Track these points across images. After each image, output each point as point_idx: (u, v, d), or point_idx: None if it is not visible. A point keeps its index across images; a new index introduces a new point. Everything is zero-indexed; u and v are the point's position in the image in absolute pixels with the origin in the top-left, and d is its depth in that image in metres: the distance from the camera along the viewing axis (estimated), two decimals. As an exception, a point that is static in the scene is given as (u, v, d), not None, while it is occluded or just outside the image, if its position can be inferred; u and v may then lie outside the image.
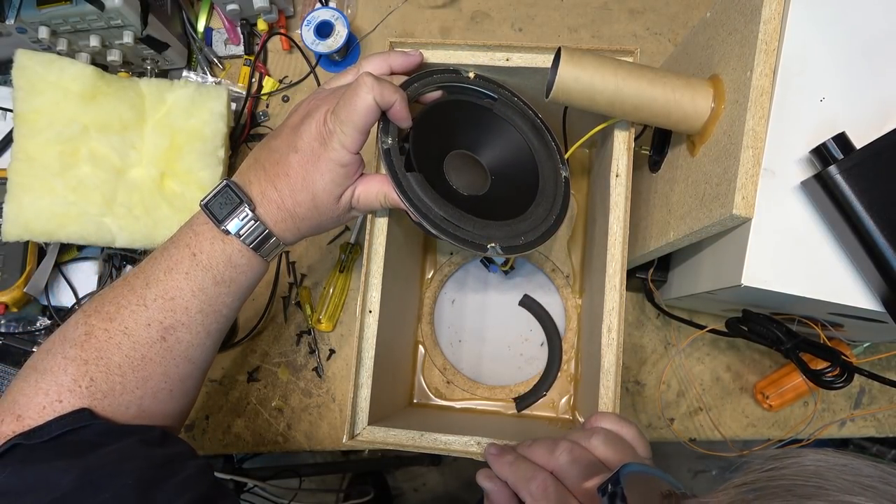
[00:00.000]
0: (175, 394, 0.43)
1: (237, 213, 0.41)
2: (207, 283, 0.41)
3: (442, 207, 0.43)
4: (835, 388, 0.46)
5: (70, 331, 0.40)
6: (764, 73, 0.38)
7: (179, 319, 0.41)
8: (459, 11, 0.72)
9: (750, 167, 0.38)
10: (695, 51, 0.48)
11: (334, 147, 0.41)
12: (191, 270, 0.41)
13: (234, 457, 0.83)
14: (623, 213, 0.46)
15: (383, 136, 0.44)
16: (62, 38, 0.63)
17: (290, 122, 0.44)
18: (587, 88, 0.41)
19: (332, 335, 0.65)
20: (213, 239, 0.41)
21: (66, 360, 0.39)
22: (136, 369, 0.40)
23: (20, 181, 0.57)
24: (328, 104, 0.42)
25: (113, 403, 0.40)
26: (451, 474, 1.42)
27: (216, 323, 0.43)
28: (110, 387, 0.39)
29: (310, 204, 0.42)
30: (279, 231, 0.43)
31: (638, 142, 0.49)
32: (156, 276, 0.41)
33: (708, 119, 0.42)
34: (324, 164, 0.41)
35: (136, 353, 0.40)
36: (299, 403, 0.64)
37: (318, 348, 0.65)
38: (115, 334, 0.40)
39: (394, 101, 0.41)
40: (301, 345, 0.65)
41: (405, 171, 0.43)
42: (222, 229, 0.41)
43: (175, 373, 0.42)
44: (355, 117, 0.40)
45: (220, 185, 0.42)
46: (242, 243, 0.42)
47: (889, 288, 0.36)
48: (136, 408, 0.41)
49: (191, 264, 0.41)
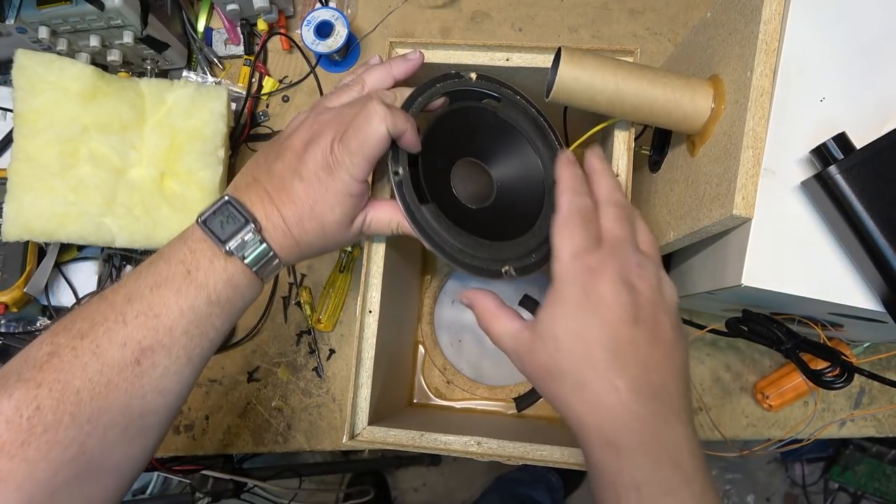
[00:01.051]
0: (129, 433, 0.37)
1: (242, 233, 0.39)
2: (200, 301, 0.38)
3: (456, 237, 0.42)
4: (835, 388, 0.46)
5: (34, 350, 0.36)
6: (764, 74, 0.38)
7: (160, 340, 0.37)
8: (459, 11, 0.72)
9: (750, 167, 0.38)
10: (695, 51, 0.48)
11: (342, 178, 0.39)
12: (183, 287, 0.38)
13: (234, 457, 0.83)
14: None
15: (394, 166, 0.42)
16: (62, 38, 0.63)
17: (291, 144, 0.41)
18: (587, 88, 0.41)
19: (332, 335, 0.65)
20: (213, 257, 0.39)
21: (18, 382, 0.34)
22: (95, 397, 0.35)
23: (20, 181, 0.57)
24: (334, 129, 0.40)
25: (51, 440, 0.34)
26: (451, 474, 1.42)
27: (199, 347, 0.39)
28: (57, 418, 0.34)
29: (318, 232, 0.41)
30: (283, 255, 0.41)
31: (638, 142, 0.49)
32: (140, 292, 0.37)
33: (708, 119, 0.42)
34: (332, 195, 0.39)
35: (103, 376, 0.35)
36: (299, 403, 0.64)
37: (318, 348, 0.65)
38: (82, 353, 0.35)
39: (405, 130, 0.40)
40: (301, 345, 0.65)
41: (418, 204, 0.42)
42: (225, 249, 0.38)
43: (138, 406, 0.37)
44: (367, 149, 0.38)
45: (219, 201, 0.40)
46: (245, 264, 0.39)
47: (889, 288, 0.36)
48: (76, 448, 0.35)
49: (184, 281, 0.38)
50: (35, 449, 0.33)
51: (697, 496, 0.33)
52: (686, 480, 0.33)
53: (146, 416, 0.38)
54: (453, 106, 0.46)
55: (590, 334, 0.35)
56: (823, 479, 1.37)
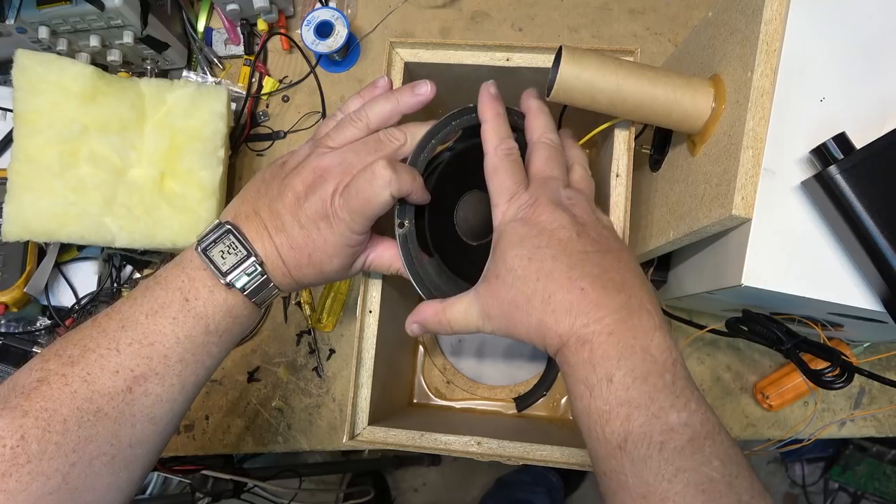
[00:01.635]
0: (116, 463, 0.36)
1: (244, 266, 0.38)
2: (198, 331, 0.37)
3: (454, 290, 0.41)
4: (835, 388, 0.46)
5: (23, 376, 0.35)
6: (765, 74, 0.38)
7: (154, 368, 0.36)
8: (459, 11, 0.72)
9: (750, 167, 0.38)
10: (696, 50, 0.48)
11: (342, 232, 0.38)
12: (180, 316, 0.37)
13: (234, 457, 0.83)
14: (623, 212, 0.46)
15: (399, 217, 0.41)
16: (62, 38, 0.63)
17: (292, 184, 0.39)
18: (588, 87, 0.41)
19: (332, 335, 0.65)
20: (213, 287, 0.38)
21: (4, 409, 0.34)
22: (83, 425, 0.34)
23: (20, 181, 0.57)
24: (336, 179, 0.38)
25: (34, 471, 0.33)
26: (451, 474, 1.42)
27: (194, 375, 0.38)
28: (41, 448, 0.33)
29: (316, 275, 0.40)
30: (283, 288, 0.41)
31: (638, 141, 0.48)
32: (135, 319, 0.37)
33: (709, 119, 0.42)
34: (331, 247, 0.39)
35: (92, 404, 0.35)
36: (299, 403, 0.64)
37: (318, 348, 0.65)
38: (73, 380, 0.35)
39: (411, 190, 0.39)
40: (301, 345, 0.65)
41: (421, 260, 0.42)
42: (226, 281, 0.38)
43: (128, 435, 0.36)
44: (368, 210, 0.38)
45: (219, 228, 0.39)
46: (245, 296, 0.39)
47: (889, 288, 0.36)
48: (58, 478, 0.34)
49: (181, 309, 0.37)
50: (16, 480, 0.33)
51: (670, 386, 0.32)
52: (657, 368, 0.33)
53: (135, 446, 0.37)
54: (467, 143, 0.44)
55: (542, 254, 0.35)
56: (823, 479, 1.37)
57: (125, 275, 0.67)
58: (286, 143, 0.70)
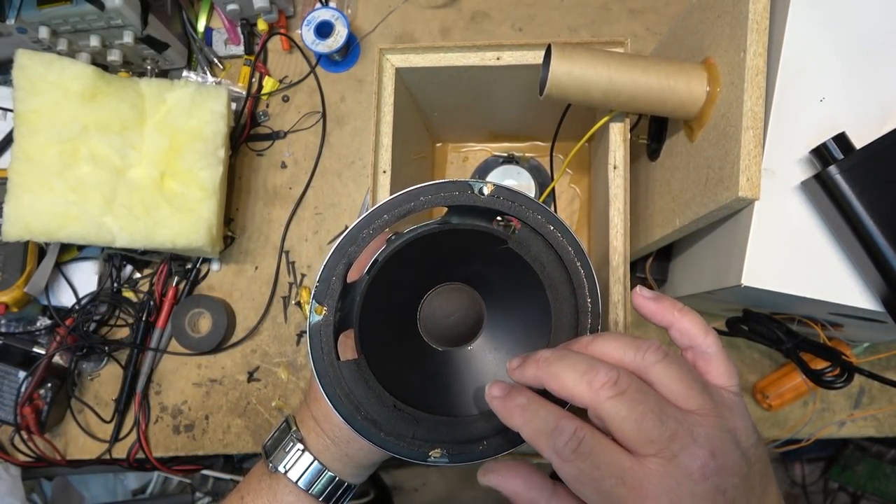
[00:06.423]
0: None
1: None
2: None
3: (378, 405, 0.33)
4: (835, 388, 0.46)
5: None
6: (758, 53, 0.37)
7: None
8: (459, 11, 0.72)
9: (752, 148, 0.37)
10: (684, 36, 0.48)
11: None
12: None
13: (234, 457, 0.83)
14: (623, 204, 0.45)
15: (317, 300, 0.33)
16: (62, 38, 0.63)
17: None
18: (581, 82, 0.41)
19: (332, 335, 0.65)
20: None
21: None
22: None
23: (20, 181, 0.57)
24: None
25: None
26: (451, 474, 1.42)
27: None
28: None
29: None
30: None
31: (634, 131, 0.48)
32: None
33: (704, 103, 0.42)
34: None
35: None
36: (299, 403, 0.64)
37: (319, 348, 0.65)
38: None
39: None
40: (301, 345, 0.65)
41: (334, 358, 0.33)
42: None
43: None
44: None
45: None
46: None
47: (889, 288, 0.36)
48: None
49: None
50: None
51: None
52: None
53: None
54: (442, 227, 0.34)
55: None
56: (823, 479, 1.37)
57: (125, 275, 0.67)
58: (286, 143, 0.70)
